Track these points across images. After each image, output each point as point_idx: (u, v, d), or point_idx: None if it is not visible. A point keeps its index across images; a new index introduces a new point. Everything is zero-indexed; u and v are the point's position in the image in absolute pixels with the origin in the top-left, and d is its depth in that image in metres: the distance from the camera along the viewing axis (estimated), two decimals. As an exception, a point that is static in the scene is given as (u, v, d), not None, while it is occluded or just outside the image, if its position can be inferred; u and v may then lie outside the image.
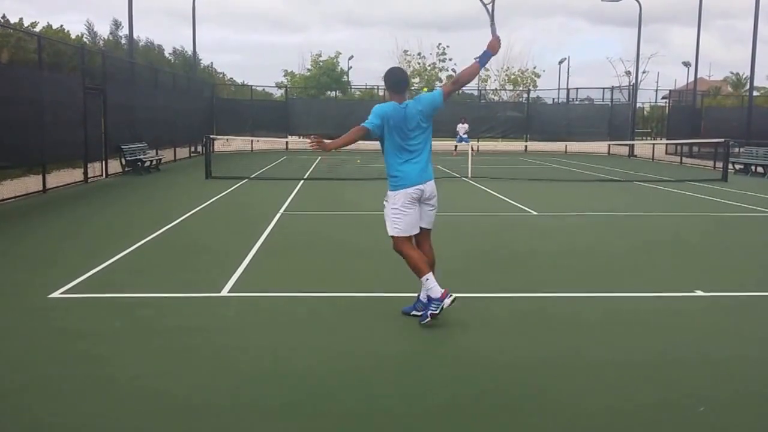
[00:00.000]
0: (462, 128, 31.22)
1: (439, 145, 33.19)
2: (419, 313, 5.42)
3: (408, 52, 55.82)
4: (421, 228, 5.47)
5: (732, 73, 65.06)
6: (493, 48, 5.33)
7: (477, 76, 5.25)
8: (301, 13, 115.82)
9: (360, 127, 5.25)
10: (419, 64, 55.43)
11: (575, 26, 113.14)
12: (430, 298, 5.23)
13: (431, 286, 5.19)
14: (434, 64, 55.43)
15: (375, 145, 5.67)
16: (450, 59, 56.45)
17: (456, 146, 30.95)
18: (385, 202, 5.46)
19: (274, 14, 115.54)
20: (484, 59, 5.35)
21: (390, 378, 4.42)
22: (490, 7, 5.60)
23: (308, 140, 5.31)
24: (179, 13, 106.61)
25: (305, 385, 4.25)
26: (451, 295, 5.18)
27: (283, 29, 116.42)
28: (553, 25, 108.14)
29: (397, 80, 5.44)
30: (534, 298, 6.43)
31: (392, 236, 5.36)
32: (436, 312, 5.18)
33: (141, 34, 64.60)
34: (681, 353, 4.95)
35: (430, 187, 5.40)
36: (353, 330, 5.37)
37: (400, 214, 5.29)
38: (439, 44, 58.30)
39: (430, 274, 5.24)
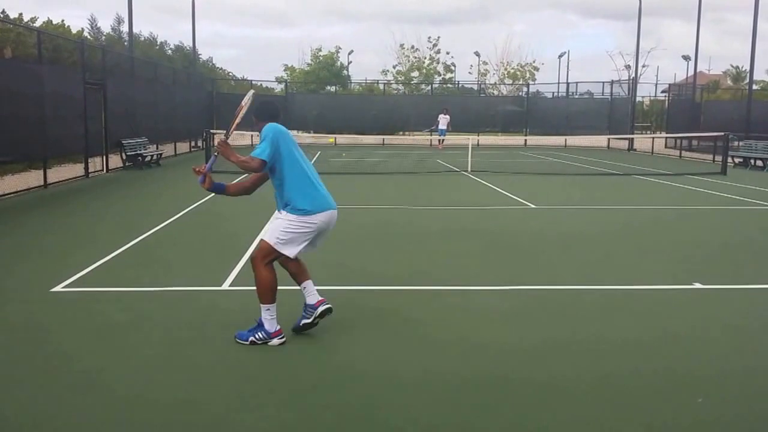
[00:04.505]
0: (443, 119, 30.81)
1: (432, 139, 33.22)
2: (308, 320, 5.01)
3: (404, 46, 55.92)
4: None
5: (732, 66, 64.95)
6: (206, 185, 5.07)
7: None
8: (292, 7, 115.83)
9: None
10: (416, 57, 55.46)
11: (567, 20, 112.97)
12: (261, 324, 4.87)
13: (271, 317, 4.85)
14: (430, 56, 55.49)
15: (370, 139, 5.69)
16: (447, 52, 56.55)
17: (440, 140, 30.55)
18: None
19: (266, 9, 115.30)
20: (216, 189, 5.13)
21: (389, 369, 4.46)
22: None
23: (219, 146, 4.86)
24: (173, 9, 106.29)
25: (306, 380, 4.30)
26: (283, 337, 4.84)
27: (276, 24, 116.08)
28: (543, 18, 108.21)
29: (274, 110, 5.03)
30: (534, 291, 6.48)
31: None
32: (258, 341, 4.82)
33: (141, 29, 64.52)
34: (680, 347, 5.00)
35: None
36: (354, 324, 5.42)
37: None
38: (429, 37, 58.32)
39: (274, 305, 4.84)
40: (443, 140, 30.14)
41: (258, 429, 3.65)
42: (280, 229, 4.82)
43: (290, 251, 4.83)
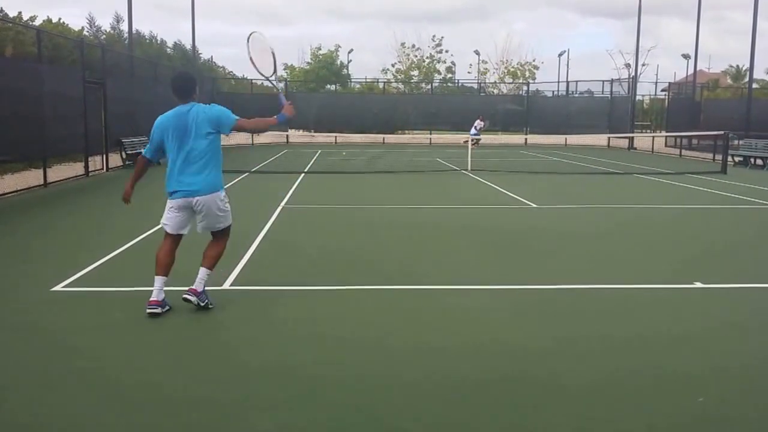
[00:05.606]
0: (479, 124, 31.40)
1: (445, 138, 33.25)
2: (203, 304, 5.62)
3: (405, 45, 56.02)
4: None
5: (731, 65, 65.00)
6: (289, 113, 5.74)
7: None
8: (291, 6, 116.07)
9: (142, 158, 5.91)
10: (416, 56, 55.52)
11: (566, 18, 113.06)
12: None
13: (157, 287, 5.43)
14: (431, 56, 55.56)
15: (367, 138, 5.74)
16: (446, 51, 56.70)
17: (477, 140, 31.28)
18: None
19: (266, 8, 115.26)
20: (281, 118, 5.76)
21: (391, 369, 4.45)
22: (274, 81, 6.26)
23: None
24: (172, 7, 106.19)
25: (306, 378, 4.29)
26: (157, 308, 5.38)
27: (276, 23, 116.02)
28: (543, 16, 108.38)
29: (176, 87, 5.64)
30: (535, 290, 6.47)
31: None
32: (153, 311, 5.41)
33: (140, 27, 64.47)
34: (681, 346, 5.00)
35: (202, 200, 5.80)
36: (352, 325, 5.42)
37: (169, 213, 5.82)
38: (434, 36, 58.56)
39: (162, 278, 5.47)
40: (478, 140, 30.54)
41: (261, 429, 3.64)
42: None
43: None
